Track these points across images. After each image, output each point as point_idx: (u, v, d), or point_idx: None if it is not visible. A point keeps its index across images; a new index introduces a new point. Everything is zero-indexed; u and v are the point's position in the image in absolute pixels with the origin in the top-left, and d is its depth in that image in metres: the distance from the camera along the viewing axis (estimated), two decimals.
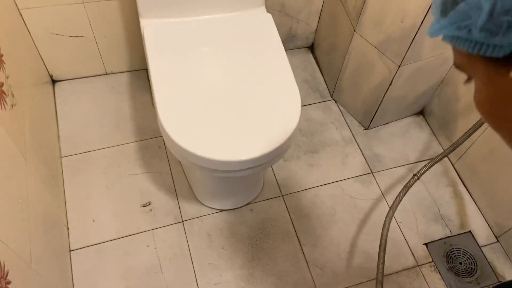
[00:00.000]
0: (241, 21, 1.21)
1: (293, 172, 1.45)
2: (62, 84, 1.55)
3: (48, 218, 1.10)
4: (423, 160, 1.51)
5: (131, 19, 1.40)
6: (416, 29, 1.15)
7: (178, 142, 0.96)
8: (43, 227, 1.03)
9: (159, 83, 1.05)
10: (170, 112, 1.00)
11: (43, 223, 1.04)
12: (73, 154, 1.40)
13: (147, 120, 1.50)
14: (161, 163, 1.41)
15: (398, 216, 1.38)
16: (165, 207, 1.33)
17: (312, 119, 1.59)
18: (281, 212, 1.36)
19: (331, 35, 1.58)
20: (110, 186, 1.35)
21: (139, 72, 1.61)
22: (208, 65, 1.11)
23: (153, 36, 1.14)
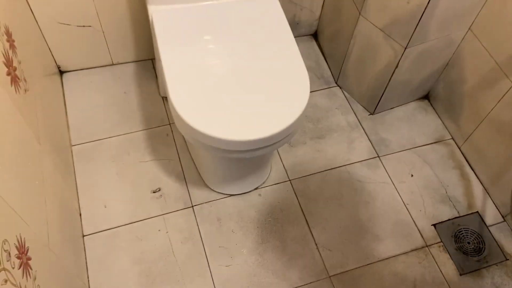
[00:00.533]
0: (248, 5, 1.22)
1: (300, 157, 1.46)
2: (70, 75, 1.56)
3: (62, 203, 1.11)
4: (429, 143, 1.52)
5: (138, 8, 1.41)
6: (423, 9, 1.16)
7: (190, 123, 0.97)
8: (58, 210, 1.04)
9: (169, 68, 1.06)
10: (181, 95, 1.02)
11: (59, 206, 1.06)
12: (83, 142, 1.42)
13: (154, 109, 1.51)
14: (169, 150, 1.43)
15: (406, 198, 1.40)
16: (175, 193, 1.34)
17: (318, 106, 1.60)
18: (289, 196, 1.38)
19: (335, 21, 1.58)
20: (120, 173, 1.37)
21: (145, 62, 1.63)
22: (217, 50, 1.12)
23: (161, 22, 1.15)
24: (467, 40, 1.35)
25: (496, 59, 1.26)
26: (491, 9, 1.23)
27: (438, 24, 1.24)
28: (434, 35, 1.28)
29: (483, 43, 1.29)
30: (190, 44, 1.11)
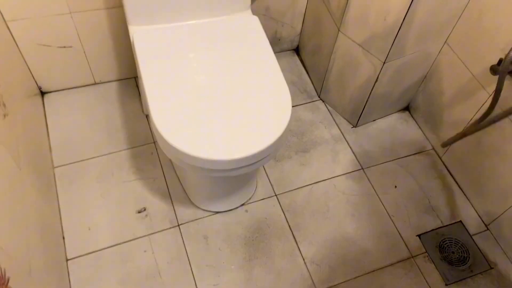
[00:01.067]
0: (229, 24, 1.23)
1: (286, 172, 1.47)
2: (51, 96, 1.55)
3: (44, 227, 1.09)
4: (411, 154, 1.55)
5: (119, 28, 1.42)
6: (399, 25, 1.19)
7: (173, 144, 0.97)
8: (40, 236, 1.02)
9: (151, 88, 1.06)
10: (163, 115, 1.02)
11: (41, 232, 1.04)
12: (66, 164, 1.40)
13: (138, 128, 1.51)
14: (154, 169, 1.42)
15: (390, 209, 1.41)
16: (161, 212, 1.33)
17: (301, 119, 1.61)
18: (276, 211, 1.38)
19: (315, 36, 1.61)
20: (104, 194, 1.35)
21: (128, 80, 1.62)
22: (198, 68, 1.13)
23: (142, 43, 1.15)
24: (443, 53, 1.38)
25: (472, 71, 1.29)
26: (466, 23, 1.26)
27: (415, 39, 1.27)
28: (411, 49, 1.31)
29: (459, 55, 1.32)
30: (172, 64, 1.12)
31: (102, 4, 1.32)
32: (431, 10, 1.19)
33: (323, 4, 1.47)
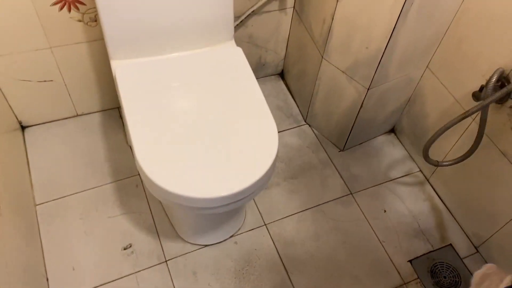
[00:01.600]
0: (212, 56, 1.22)
1: (274, 199, 1.45)
2: (32, 130, 1.51)
3: (27, 269, 1.05)
4: (399, 177, 1.55)
5: (100, 60, 1.40)
6: (382, 53, 1.20)
7: (157, 182, 0.95)
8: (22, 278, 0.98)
9: (134, 124, 1.04)
10: (147, 153, 0.99)
11: (23, 273, 1.00)
12: (48, 201, 1.36)
13: (122, 159, 1.48)
14: (139, 202, 1.39)
15: (381, 235, 1.40)
16: (147, 248, 1.30)
17: (289, 145, 1.60)
18: (266, 241, 1.36)
19: (300, 62, 1.62)
20: (89, 231, 1.31)
21: (111, 111, 1.60)
22: (183, 102, 1.11)
23: (125, 77, 1.13)
24: (425, 78, 1.40)
25: (455, 95, 1.30)
26: (446, 50, 1.28)
27: (397, 65, 1.28)
28: (394, 75, 1.32)
29: (441, 80, 1.34)
30: (155, 98, 1.10)
31: (83, 37, 1.31)
32: (411, 38, 1.20)
33: (306, 32, 1.48)
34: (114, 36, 1.13)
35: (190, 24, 1.18)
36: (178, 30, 1.18)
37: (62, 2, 1.19)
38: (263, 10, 1.50)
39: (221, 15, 1.19)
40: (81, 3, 1.21)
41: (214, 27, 1.21)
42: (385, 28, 1.14)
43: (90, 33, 1.30)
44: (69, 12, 1.22)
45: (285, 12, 1.55)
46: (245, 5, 1.45)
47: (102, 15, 1.08)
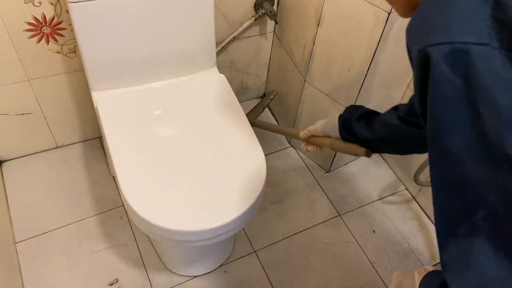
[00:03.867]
0: (195, 84, 1.22)
1: (263, 225, 1.43)
2: (10, 164, 1.46)
3: None
4: (386, 196, 1.55)
5: (80, 91, 1.37)
6: (363, 76, 1.21)
7: (145, 217, 0.92)
8: None
9: (118, 157, 1.01)
10: (133, 186, 0.97)
11: None
12: (29, 238, 1.31)
13: (106, 191, 1.44)
14: (125, 234, 1.35)
15: (371, 256, 1.39)
16: (134, 282, 1.26)
17: (274, 168, 1.60)
18: (256, 269, 1.33)
19: (282, 85, 1.62)
20: (72, 267, 1.26)
21: (92, 141, 1.57)
22: (167, 131, 1.10)
23: (107, 108, 1.11)
24: (406, 97, 1.42)
25: None
26: None
27: (379, 86, 1.30)
28: (376, 96, 1.34)
29: None
30: (138, 128, 1.08)
31: (62, 69, 1.28)
32: (392, 59, 1.22)
33: (287, 56, 1.49)
34: (95, 68, 1.11)
35: (172, 54, 1.17)
36: (160, 60, 1.17)
37: (40, 34, 1.17)
38: (244, 35, 1.51)
39: (203, 43, 1.19)
40: (60, 35, 1.19)
41: (196, 55, 1.21)
42: (366, 51, 1.16)
43: (69, 64, 1.28)
44: (47, 44, 1.20)
45: (265, 37, 1.56)
46: (226, 31, 1.45)
47: (82, 48, 1.06)
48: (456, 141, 0.37)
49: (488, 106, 0.34)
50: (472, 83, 0.34)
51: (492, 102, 0.34)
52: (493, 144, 0.34)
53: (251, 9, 1.43)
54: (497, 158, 0.34)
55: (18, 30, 1.13)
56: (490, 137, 0.35)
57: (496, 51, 0.33)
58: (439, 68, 0.36)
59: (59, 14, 1.15)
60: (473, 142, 0.36)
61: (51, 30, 1.17)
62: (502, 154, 0.34)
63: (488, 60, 0.34)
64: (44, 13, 1.13)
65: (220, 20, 1.40)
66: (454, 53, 0.35)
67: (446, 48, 0.35)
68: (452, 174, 0.39)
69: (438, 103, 0.38)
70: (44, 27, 1.16)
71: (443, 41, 0.36)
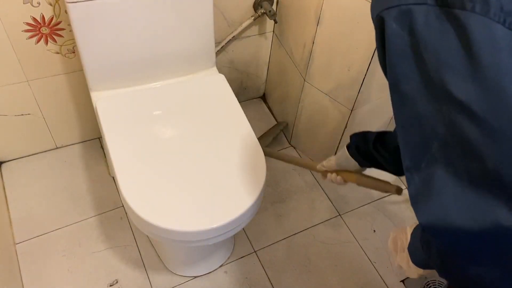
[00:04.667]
0: (195, 84, 1.21)
1: (263, 225, 1.43)
2: (10, 165, 1.46)
3: None
4: (386, 195, 1.55)
5: (79, 91, 1.37)
6: (363, 75, 1.21)
7: (145, 218, 0.92)
8: None
9: (118, 157, 1.01)
10: (132, 187, 0.96)
11: None
12: (28, 239, 1.30)
13: (105, 191, 1.44)
14: (125, 235, 1.35)
15: (372, 256, 1.39)
16: (134, 283, 1.25)
17: (274, 168, 1.59)
18: (256, 269, 1.33)
19: (281, 85, 1.62)
20: (72, 268, 1.26)
21: (91, 141, 1.56)
22: (167, 131, 1.09)
23: (106, 109, 1.11)
24: None
25: None
26: None
27: (379, 86, 1.29)
28: (376, 95, 1.33)
29: None
30: (138, 129, 1.08)
31: (61, 69, 1.28)
32: None
33: (286, 55, 1.49)
34: (94, 69, 1.11)
35: (171, 54, 1.17)
36: (159, 60, 1.17)
37: (38, 35, 1.16)
38: (243, 35, 1.51)
39: (202, 43, 1.19)
40: (59, 35, 1.19)
41: (195, 55, 1.21)
42: (365, 50, 1.16)
43: (68, 65, 1.28)
44: (46, 44, 1.20)
45: (265, 37, 1.56)
46: (225, 31, 1.45)
47: (81, 48, 1.06)
48: (410, 85, 0.44)
49: (429, 52, 0.41)
50: (415, 35, 0.42)
51: (432, 49, 0.41)
52: (436, 83, 0.41)
53: (251, 9, 1.43)
54: (440, 94, 0.42)
55: (16, 30, 1.13)
56: (433, 77, 0.42)
57: (431, 8, 0.41)
58: (390, 27, 0.44)
59: (58, 15, 1.14)
60: (422, 84, 0.43)
61: (50, 31, 1.17)
62: (442, 89, 0.41)
63: (425, 15, 0.41)
64: (42, 14, 1.12)
65: (219, 20, 1.40)
66: (401, 13, 0.43)
67: (395, 11, 0.43)
68: (409, 112, 0.46)
69: (393, 55, 0.45)
70: (43, 28, 1.15)
71: (392, 5, 0.43)
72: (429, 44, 0.41)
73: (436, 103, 0.42)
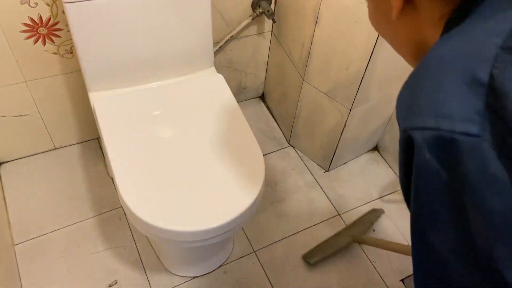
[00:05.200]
0: (193, 84, 1.21)
1: (262, 225, 1.43)
2: (8, 166, 1.46)
3: None
4: (385, 195, 1.55)
5: (77, 91, 1.37)
6: (362, 74, 1.21)
7: (143, 218, 0.92)
8: None
9: (116, 158, 1.01)
10: (131, 187, 0.96)
11: None
12: (27, 240, 1.30)
13: (104, 192, 1.43)
14: (124, 235, 1.34)
15: (371, 255, 1.39)
16: (134, 283, 1.25)
17: (273, 168, 1.59)
18: (256, 269, 1.32)
19: (280, 85, 1.62)
20: (71, 269, 1.26)
21: (90, 142, 1.56)
22: (165, 132, 1.09)
23: (104, 109, 1.11)
24: None
25: None
26: None
27: (377, 85, 1.29)
28: (375, 95, 1.33)
29: None
30: (136, 129, 1.07)
31: (59, 70, 1.28)
32: (390, 58, 1.22)
33: (285, 55, 1.49)
34: (92, 69, 1.10)
35: (170, 55, 1.17)
36: (157, 60, 1.16)
37: (36, 35, 1.16)
38: (242, 35, 1.51)
39: (201, 43, 1.19)
40: (57, 36, 1.19)
41: (194, 55, 1.21)
42: (364, 49, 1.15)
43: (66, 65, 1.28)
44: (43, 45, 1.19)
45: (263, 36, 1.56)
46: (223, 31, 1.45)
47: (78, 49, 1.05)
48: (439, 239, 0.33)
49: (477, 208, 0.29)
50: (459, 179, 0.30)
51: (482, 205, 0.29)
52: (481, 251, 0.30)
53: (249, 9, 1.43)
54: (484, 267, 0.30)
55: (14, 31, 1.12)
56: (477, 242, 0.30)
57: (488, 146, 0.28)
58: (423, 156, 0.32)
59: (56, 15, 1.14)
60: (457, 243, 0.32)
61: (47, 31, 1.16)
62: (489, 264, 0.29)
63: (479, 155, 0.29)
64: (40, 14, 1.12)
65: (218, 20, 1.40)
66: (440, 141, 0.30)
67: (430, 135, 0.31)
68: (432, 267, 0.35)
69: (421, 194, 0.33)
70: (41, 28, 1.15)
71: (428, 126, 0.31)
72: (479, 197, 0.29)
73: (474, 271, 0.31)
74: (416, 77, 0.36)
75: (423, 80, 0.34)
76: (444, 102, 0.31)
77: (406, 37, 0.44)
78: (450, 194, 0.31)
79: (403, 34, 0.45)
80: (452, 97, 0.30)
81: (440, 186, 0.31)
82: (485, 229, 0.29)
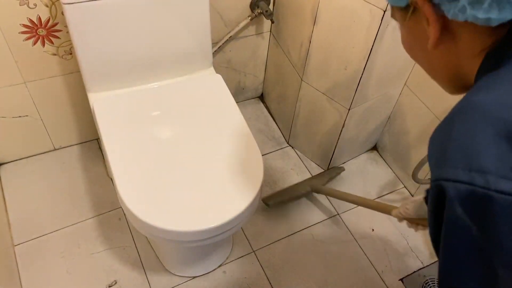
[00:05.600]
0: (192, 84, 1.21)
1: (261, 224, 1.43)
2: (8, 166, 1.46)
3: None
4: (384, 194, 1.55)
5: (77, 92, 1.37)
6: (360, 74, 1.21)
7: (143, 218, 0.92)
8: None
9: (115, 159, 1.01)
10: (130, 188, 0.97)
11: None
12: (27, 240, 1.30)
13: (104, 192, 1.44)
14: (123, 236, 1.35)
15: (370, 255, 1.39)
16: (133, 283, 1.25)
17: (273, 168, 1.59)
18: (255, 269, 1.33)
19: (279, 84, 1.62)
20: (71, 270, 1.26)
21: (89, 143, 1.56)
22: (164, 132, 1.09)
23: (103, 110, 1.11)
24: (404, 95, 1.42)
25: (434, 111, 1.32)
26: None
27: (376, 84, 1.29)
28: (373, 94, 1.33)
29: (420, 97, 1.36)
30: (135, 129, 1.08)
31: (58, 71, 1.28)
32: (388, 57, 1.22)
33: (284, 55, 1.49)
34: (91, 70, 1.11)
35: (168, 55, 1.17)
36: (156, 60, 1.17)
37: (35, 36, 1.16)
38: (241, 35, 1.51)
39: (199, 44, 1.19)
40: (56, 37, 1.19)
41: (192, 55, 1.21)
42: (362, 49, 1.16)
43: (65, 66, 1.28)
44: (43, 46, 1.20)
45: (262, 37, 1.56)
46: (222, 31, 1.45)
47: (77, 50, 1.06)
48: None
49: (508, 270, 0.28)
50: (491, 237, 0.28)
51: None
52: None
53: (247, 9, 1.43)
54: None
55: (13, 32, 1.13)
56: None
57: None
58: (454, 210, 0.30)
59: (55, 16, 1.14)
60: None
61: (46, 32, 1.17)
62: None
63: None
64: (39, 15, 1.12)
65: (216, 20, 1.40)
66: (473, 197, 0.29)
67: (463, 188, 0.29)
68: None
69: (449, 247, 0.32)
70: (40, 29, 1.15)
71: (461, 179, 0.29)
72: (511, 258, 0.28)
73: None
74: (451, 123, 0.34)
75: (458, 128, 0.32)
76: (478, 155, 0.29)
77: (441, 66, 0.43)
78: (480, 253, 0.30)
79: (439, 62, 0.45)
80: (488, 150, 0.29)
81: (470, 243, 0.30)
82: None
